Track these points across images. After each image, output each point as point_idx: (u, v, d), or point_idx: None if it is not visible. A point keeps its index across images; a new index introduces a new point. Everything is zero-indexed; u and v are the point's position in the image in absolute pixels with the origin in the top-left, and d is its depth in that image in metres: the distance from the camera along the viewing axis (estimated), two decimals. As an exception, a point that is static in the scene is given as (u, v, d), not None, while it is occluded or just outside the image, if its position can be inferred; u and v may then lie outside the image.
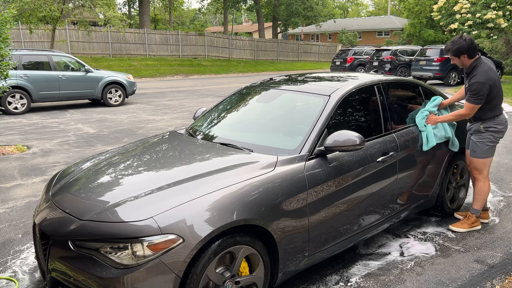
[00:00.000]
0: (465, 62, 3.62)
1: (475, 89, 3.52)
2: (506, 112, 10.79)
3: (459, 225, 3.82)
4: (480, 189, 3.78)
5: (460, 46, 3.55)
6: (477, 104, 3.55)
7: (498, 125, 3.67)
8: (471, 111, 3.61)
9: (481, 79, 3.49)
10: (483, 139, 3.68)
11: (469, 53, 3.56)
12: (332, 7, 60.41)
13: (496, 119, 3.67)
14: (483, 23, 17.33)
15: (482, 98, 3.52)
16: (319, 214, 2.78)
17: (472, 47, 3.55)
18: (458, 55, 3.59)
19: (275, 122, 3.46)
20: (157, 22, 44.99)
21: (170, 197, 2.35)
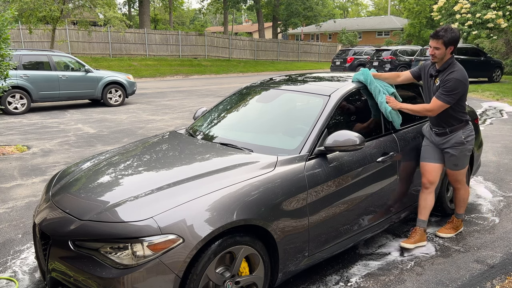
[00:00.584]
0: (446, 56, 3.28)
1: (450, 86, 3.20)
2: (506, 112, 10.84)
3: (445, 231, 3.73)
4: (463, 196, 3.69)
5: (455, 36, 3.23)
6: (447, 104, 3.24)
7: (472, 132, 3.46)
8: (437, 109, 3.28)
9: (459, 77, 3.21)
10: (464, 151, 3.44)
11: (455, 47, 3.28)
12: (332, 7, 60.40)
13: (469, 126, 3.44)
14: (483, 23, 17.32)
15: (454, 98, 3.23)
16: (319, 214, 2.77)
17: (458, 42, 3.30)
18: (447, 44, 3.23)
19: (275, 122, 3.46)
20: (157, 22, 44.99)
21: (170, 197, 2.35)
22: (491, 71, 18.31)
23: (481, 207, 4.42)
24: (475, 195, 4.77)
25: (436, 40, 3.23)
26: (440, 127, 3.42)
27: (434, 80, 3.36)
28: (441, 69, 3.31)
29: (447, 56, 3.28)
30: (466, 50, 17.77)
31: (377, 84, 3.42)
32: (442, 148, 3.46)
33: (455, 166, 3.48)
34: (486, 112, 10.90)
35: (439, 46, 3.23)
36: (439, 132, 3.43)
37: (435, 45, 3.24)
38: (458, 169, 3.50)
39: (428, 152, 3.52)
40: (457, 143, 3.39)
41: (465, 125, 3.40)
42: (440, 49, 3.24)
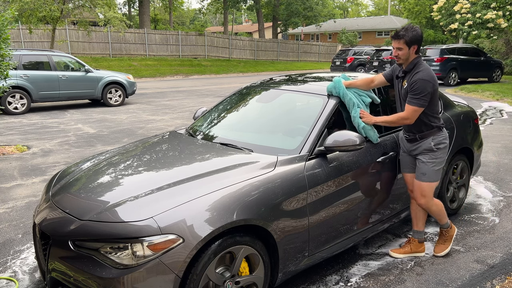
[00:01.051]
0: (411, 56, 3.08)
1: (418, 87, 2.99)
2: (506, 112, 10.84)
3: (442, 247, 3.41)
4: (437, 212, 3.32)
5: (417, 34, 3.02)
6: (420, 107, 3.01)
7: (446, 140, 3.20)
8: (412, 115, 3.04)
9: (425, 77, 2.99)
10: (434, 160, 3.15)
11: (419, 46, 3.07)
12: (332, 7, 60.43)
13: (443, 133, 3.19)
14: (483, 23, 17.32)
15: (426, 100, 3.00)
16: (319, 214, 2.77)
17: (422, 40, 3.08)
18: (410, 44, 3.02)
19: (275, 122, 3.46)
20: (157, 22, 44.98)
21: (170, 197, 2.35)
22: (491, 71, 18.31)
23: (481, 207, 4.42)
24: (475, 195, 4.77)
25: (397, 41, 3.05)
26: (411, 133, 3.21)
27: (402, 83, 3.18)
28: (407, 70, 3.12)
29: (411, 56, 3.08)
30: (466, 50, 17.78)
31: (351, 95, 3.19)
32: (414, 155, 3.26)
33: (423, 176, 3.17)
34: (486, 112, 10.90)
35: (401, 46, 3.05)
36: (410, 138, 3.23)
37: (397, 46, 3.06)
38: (425, 179, 3.17)
39: (404, 162, 3.35)
40: (426, 149, 3.16)
41: (436, 131, 3.16)
42: (402, 49, 3.05)
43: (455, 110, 4.22)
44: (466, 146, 4.15)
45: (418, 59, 3.10)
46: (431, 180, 3.18)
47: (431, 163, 3.15)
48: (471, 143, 4.23)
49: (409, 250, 3.38)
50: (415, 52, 3.07)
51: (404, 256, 3.36)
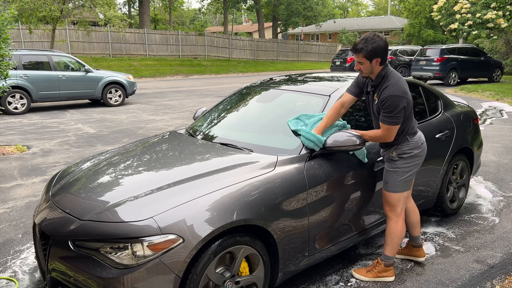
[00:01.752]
0: (375, 69, 2.77)
1: (389, 105, 2.71)
2: (506, 112, 10.84)
3: (363, 272, 3.07)
4: (391, 230, 3.00)
5: (377, 46, 2.69)
6: (395, 125, 2.76)
7: (414, 149, 2.92)
8: (389, 133, 2.80)
9: (395, 92, 2.70)
10: (396, 169, 2.93)
11: (383, 57, 2.74)
12: (332, 7, 60.41)
13: (410, 142, 2.91)
14: (483, 23, 17.33)
15: (400, 116, 2.73)
16: (319, 214, 2.77)
17: (387, 49, 2.76)
18: (371, 57, 2.71)
19: (275, 122, 3.45)
20: (157, 22, 44.98)
21: (170, 197, 2.35)
22: (491, 71, 18.31)
23: (481, 207, 4.42)
24: (475, 195, 4.77)
25: (356, 54, 2.74)
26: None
27: (372, 97, 2.92)
28: (375, 84, 2.84)
29: (376, 69, 2.77)
30: (466, 50, 17.78)
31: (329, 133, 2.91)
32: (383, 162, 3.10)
33: (386, 184, 3.00)
34: (486, 112, 10.90)
35: (361, 61, 2.75)
36: (381, 144, 3.08)
37: (357, 60, 2.76)
38: (388, 189, 2.97)
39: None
40: (388, 158, 2.99)
41: (401, 142, 2.92)
42: (363, 63, 2.75)
43: (455, 110, 4.22)
44: (466, 146, 4.15)
45: (385, 71, 2.79)
46: (394, 190, 2.94)
47: (393, 172, 2.94)
48: (471, 143, 4.23)
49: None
50: (380, 64, 2.76)
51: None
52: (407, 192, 2.98)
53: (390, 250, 3.01)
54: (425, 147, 3.00)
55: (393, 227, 2.99)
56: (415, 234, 3.25)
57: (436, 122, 3.89)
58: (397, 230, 2.98)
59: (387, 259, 3.01)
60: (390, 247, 3.00)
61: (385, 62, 2.79)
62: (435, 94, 4.12)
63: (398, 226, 2.98)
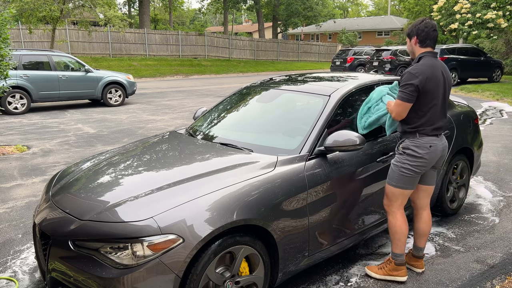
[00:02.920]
0: (415, 49, 2.88)
1: (403, 80, 2.79)
2: (506, 112, 10.83)
3: (375, 269, 3.05)
4: (390, 226, 2.98)
5: (416, 26, 2.84)
6: (403, 101, 2.76)
7: (419, 149, 2.82)
8: (397, 109, 2.81)
9: (412, 70, 2.76)
10: (398, 162, 2.90)
11: (420, 37, 2.82)
12: (332, 7, 60.44)
13: (417, 140, 2.83)
14: (483, 23, 17.34)
15: (410, 94, 2.73)
16: (319, 214, 2.78)
17: (427, 31, 2.81)
18: (409, 35, 2.89)
19: (275, 122, 3.46)
20: (157, 22, 44.98)
21: (170, 197, 2.35)
22: (491, 71, 18.31)
23: (481, 207, 4.42)
24: (475, 195, 4.77)
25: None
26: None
27: None
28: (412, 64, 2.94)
29: (415, 49, 2.89)
30: (466, 50, 17.78)
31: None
32: None
33: (388, 177, 2.98)
34: (486, 112, 10.91)
35: (407, 40, 2.97)
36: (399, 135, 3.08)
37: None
38: (388, 181, 2.96)
39: None
40: (396, 149, 2.98)
41: (410, 136, 2.88)
42: (407, 43, 2.96)
43: (455, 110, 4.22)
44: (466, 146, 4.15)
45: (425, 54, 2.83)
46: (391, 183, 2.93)
47: (394, 165, 2.92)
48: (471, 143, 4.23)
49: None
50: (419, 45, 2.85)
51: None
52: (407, 191, 2.91)
53: (395, 247, 2.97)
54: (434, 151, 2.84)
55: (391, 222, 2.96)
56: (420, 245, 3.11)
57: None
58: (396, 226, 2.94)
59: (395, 256, 2.97)
60: (394, 244, 2.97)
61: (425, 44, 2.84)
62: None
63: (396, 222, 2.94)
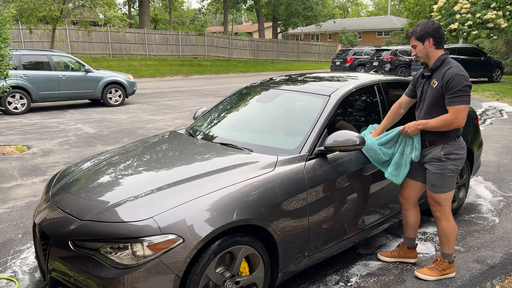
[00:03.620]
0: (430, 51, 2.82)
1: (457, 83, 2.68)
2: (506, 112, 10.84)
3: (427, 272, 3.06)
4: (446, 230, 3.00)
5: (427, 27, 2.79)
6: (465, 104, 2.71)
7: (459, 150, 2.88)
8: (459, 115, 2.71)
9: (461, 72, 2.71)
10: (443, 170, 2.87)
11: (436, 39, 2.80)
12: (332, 7, 60.46)
13: (457, 142, 2.87)
14: (483, 23, 17.34)
15: (468, 96, 2.71)
16: (319, 214, 2.77)
17: (440, 32, 2.81)
18: (422, 38, 2.80)
19: (275, 122, 3.46)
20: (157, 22, 44.99)
21: (170, 197, 2.35)
22: (491, 71, 18.32)
23: (481, 207, 4.42)
24: (475, 195, 4.77)
25: (410, 39, 2.88)
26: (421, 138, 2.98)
27: (429, 82, 2.89)
28: (434, 68, 2.84)
29: (433, 52, 2.83)
30: (466, 50, 17.78)
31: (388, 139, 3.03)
32: (422, 162, 3.01)
33: (432, 187, 2.94)
34: (486, 112, 10.91)
35: (414, 44, 2.85)
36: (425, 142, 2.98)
37: (412, 44, 2.88)
38: (436, 191, 2.94)
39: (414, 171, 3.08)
40: (434, 158, 2.90)
41: (448, 140, 2.87)
42: (417, 46, 2.85)
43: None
44: (466, 146, 4.14)
45: (446, 56, 2.82)
46: (444, 191, 2.92)
47: (439, 174, 2.89)
48: (471, 143, 4.23)
49: (397, 255, 3.28)
50: (435, 46, 2.81)
51: (393, 260, 3.27)
52: (453, 191, 2.98)
53: (448, 248, 3.04)
54: (466, 150, 2.94)
55: (446, 226, 3.00)
56: (413, 236, 3.26)
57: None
58: (451, 228, 3.00)
59: (448, 256, 3.04)
60: (447, 246, 3.03)
61: (442, 45, 2.83)
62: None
63: (450, 225, 3.00)
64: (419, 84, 3.01)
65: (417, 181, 3.11)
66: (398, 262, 3.29)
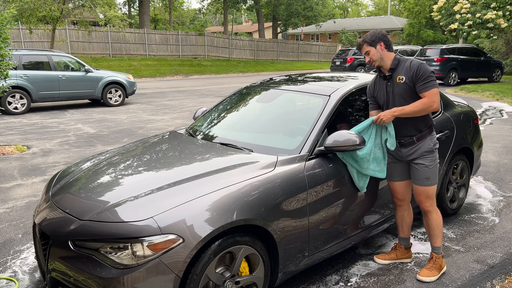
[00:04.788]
0: (385, 54, 2.92)
1: (425, 70, 2.84)
2: (506, 112, 10.84)
3: (428, 273, 3.05)
4: (437, 221, 3.07)
5: (376, 33, 2.94)
6: (437, 87, 2.86)
7: (437, 142, 3.07)
8: (435, 98, 2.82)
9: (422, 62, 2.89)
10: (435, 160, 3.01)
11: (386, 42, 2.92)
12: (332, 7, 60.47)
13: (434, 134, 3.06)
14: (483, 23, 17.34)
15: (435, 80, 2.87)
16: (319, 214, 2.77)
17: (387, 37, 2.96)
18: (373, 43, 2.91)
19: (275, 122, 3.46)
20: (157, 22, 44.99)
21: (170, 197, 2.35)
22: (491, 71, 18.32)
23: (481, 207, 4.42)
24: (475, 195, 4.77)
25: (362, 48, 2.97)
26: (407, 136, 2.98)
27: (393, 80, 2.94)
28: (393, 67, 2.94)
29: (386, 54, 2.93)
30: (466, 50, 17.79)
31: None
32: (409, 160, 3.03)
33: (427, 180, 2.99)
34: (486, 112, 10.90)
35: (367, 50, 2.94)
36: (406, 143, 2.99)
37: (364, 51, 2.97)
38: (430, 183, 2.99)
39: (394, 170, 3.12)
40: (426, 151, 2.97)
41: (431, 131, 3.01)
42: (370, 51, 2.93)
43: (455, 110, 4.22)
44: (466, 146, 4.15)
45: (399, 56, 2.98)
46: (435, 182, 3.03)
47: (433, 165, 2.99)
48: (471, 143, 4.23)
49: (395, 257, 3.28)
50: (387, 49, 2.94)
51: (389, 262, 3.26)
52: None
53: (439, 241, 3.11)
54: None
55: (436, 217, 3.08)
56: (408, 236, 3.31)
57: (436, 122, 3.88)
58: (440, 219, 3.10)
59: (439, 250, 3.11)
60: (439, 238, 3.10)
61: (391, 48, 2.97)
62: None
63: (439, 216, 3.10)
64: (379, 90, 3.04)
65: (404, 180, 3.13)
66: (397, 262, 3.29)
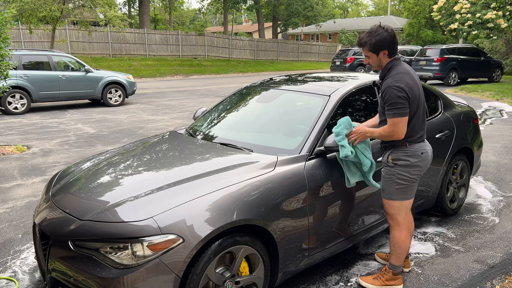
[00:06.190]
0: (384, 61, 2.72)
1: (389, 97, 2.60)
2: (506, 112, 10.83)
3: (370, 280, 2.92)
4: (395, 240, 2.85)
5: (381, 38, 2.63)
6: (399, 117, 2.59)
7: (411, 158, 2.72)
8: (396, 128, 2.61)
9: (392, 83, 2.60)
10: (391, 176, 2.77)
11: (390, 49, 2.67)
12: (332, 7, 60.49)
13: (408, 149, 2.72)
14: (483, 23, 17.34)
15: (402, 108, 2.58)
16: (319, 214, 2.77)
17: (395, 40, 2.68)
18: (376, 50, 2.67)
19: (275, 122, 3.46)
20: (157, 22, 44.99)
21: (170, 197, 2.35)
22: (491, 71, 18.32)
23: (481, 207, 4.42)
24: (475, 195, 4.77)
25: (362, 48, 2.73)
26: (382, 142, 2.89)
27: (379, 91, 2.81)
28: (382, 76, 2.77)
29: (384, 61, 2.72)
30: (466, 50, 17.78)
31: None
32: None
33: (382, 191, 2.87)
34: (486, 112, 10.90)
35: (367, 55, 2.72)
36: (380, 146, 2.94)
37: (364, 54, 2.74)
38: (384, 196, 2.85)
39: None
40: (384, 162, 2.85)
41: (399, 146, 2.74)
42: (370, 57, 2.72)
43: (455, 110, 4.22)
44: (466, 146, 4.15)
45: (392, 63, 2.72)
46: (391, 198, 2.80)
47: (388, 179, 2.79)
48: (471, 143, 4.23)
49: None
50: (389, 56, 2.71)
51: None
52: (408, 201, 2.80)
53: (396, 260, 2.87)
54: (426, 157, 2.78)
55: (396, 236, 2.84)
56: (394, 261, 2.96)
57: (436, 122, 3.89)
58: (400, 240, 2.83)
59: (394, 268, 2.89)
60: (395, 257, 2.87)
61: (394, 54, 2.71)
62: (435, 94, 4.12)
63: (401, 236, 2.83)
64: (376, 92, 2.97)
65: None
66: None
